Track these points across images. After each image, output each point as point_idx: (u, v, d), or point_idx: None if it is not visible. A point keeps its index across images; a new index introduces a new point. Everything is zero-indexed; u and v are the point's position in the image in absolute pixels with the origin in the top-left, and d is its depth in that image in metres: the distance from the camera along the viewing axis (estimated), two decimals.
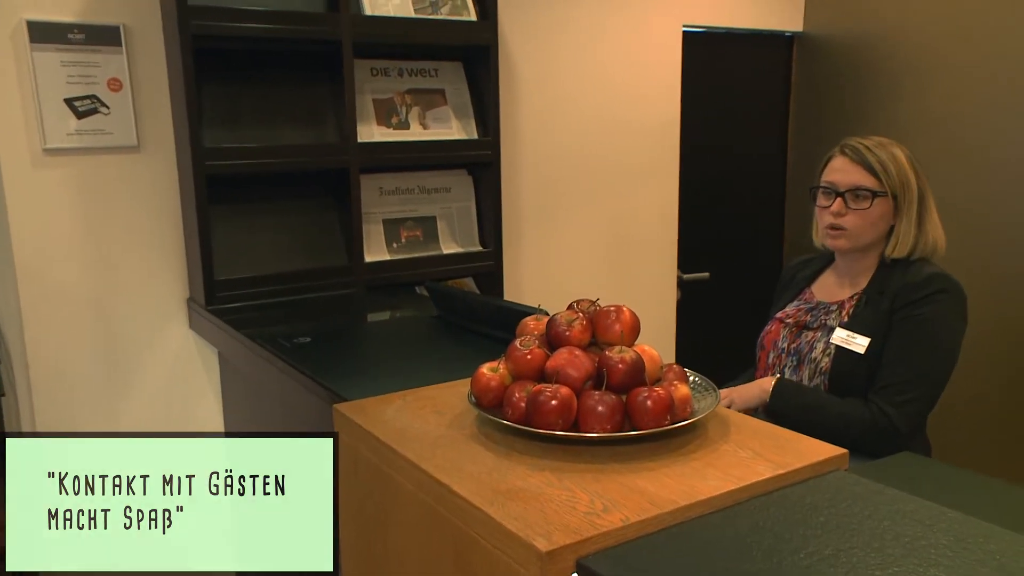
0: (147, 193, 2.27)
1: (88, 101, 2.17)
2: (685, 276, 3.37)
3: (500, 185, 2.62)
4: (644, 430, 1.12)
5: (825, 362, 1.71)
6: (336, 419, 1.37)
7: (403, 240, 2.55)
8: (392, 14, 2.40)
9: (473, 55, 2.64)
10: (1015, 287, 2.87)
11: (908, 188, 1.71)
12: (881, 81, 3.22)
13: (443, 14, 2.48)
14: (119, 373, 2.29)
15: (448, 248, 2.61)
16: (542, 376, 1.20)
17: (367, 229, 2.45)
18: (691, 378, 1.28)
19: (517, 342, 1.24)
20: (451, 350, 1.82)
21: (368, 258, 2.43)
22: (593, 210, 3.08)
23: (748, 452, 1.12)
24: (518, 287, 2.91)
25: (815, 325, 1.78)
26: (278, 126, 2.34)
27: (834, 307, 1.78)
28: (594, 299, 1.29)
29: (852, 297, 1.77)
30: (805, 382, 1.75)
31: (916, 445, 1.70)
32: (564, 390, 1.13)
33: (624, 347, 1.19)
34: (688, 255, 3.37)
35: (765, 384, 1.76)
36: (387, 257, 2.50)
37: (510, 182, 2.84)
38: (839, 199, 1.74)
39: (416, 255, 2.53)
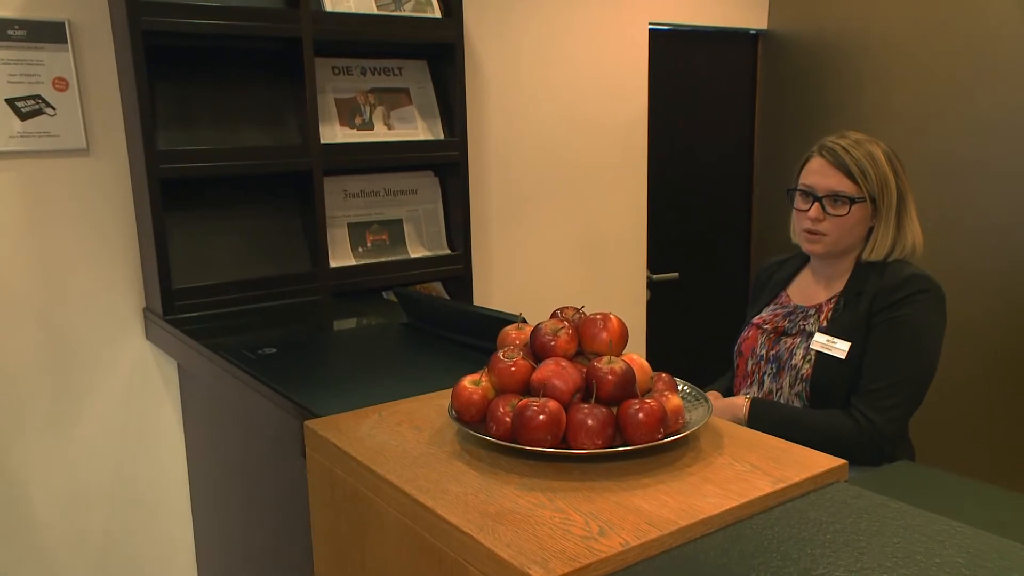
0: (98, 198, 2.16)
1: (32, 101, 2.05)
2: (654, 276, 3.34)
3: (468, 186, 2.55)
4: (636, 444, 1.07)
5: (806, 369, 1.68)
6: (308, 437, 1.29)
7: (369, 244, 2.47)
8: (354, 10, 2.32)
9: (438, 53, 2.57)
10: (981, 283, 2.90)
11: (887, 190, 1.68)
12: (845, 79, 3.23)
13: (406, 11, 2.41)
14: (70, 388, 2.17)
15: (415, 252, 2.54)
16: (527, 389, 1.14)
17: (331, 233, 2.37)
18: (680, 387, 1.23)
19: (500, 353, 1.17)
20: (424, 359, 1.75)
21: (333, 263, 2.35)
22: (562, 210, 3.03)
23: (745, 465, 1.07)
24: (487, 291, 2.85)
25: (794, 331, 1.74)
26: (237, 127, 2.25)
27: (812, 311, 1.75)
28: (579, 306, 1.24)
29: (830, 300, 1.74)
30: (785, 389, 1.72)
31: (901, 448, 1.68)
32: (552, 404, 1.08)
33: (613, 357, 1.13)
34: (656, 255, 3.34)
35: (737, 411, 1.70)
36: (352, 262, 2.42)
37: (477, 183, 2.78)
38: (816, 204, 1.70)
39: (383, 259, 2.46)
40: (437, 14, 2.47)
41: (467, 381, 1.18)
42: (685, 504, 0.97)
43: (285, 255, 2.31)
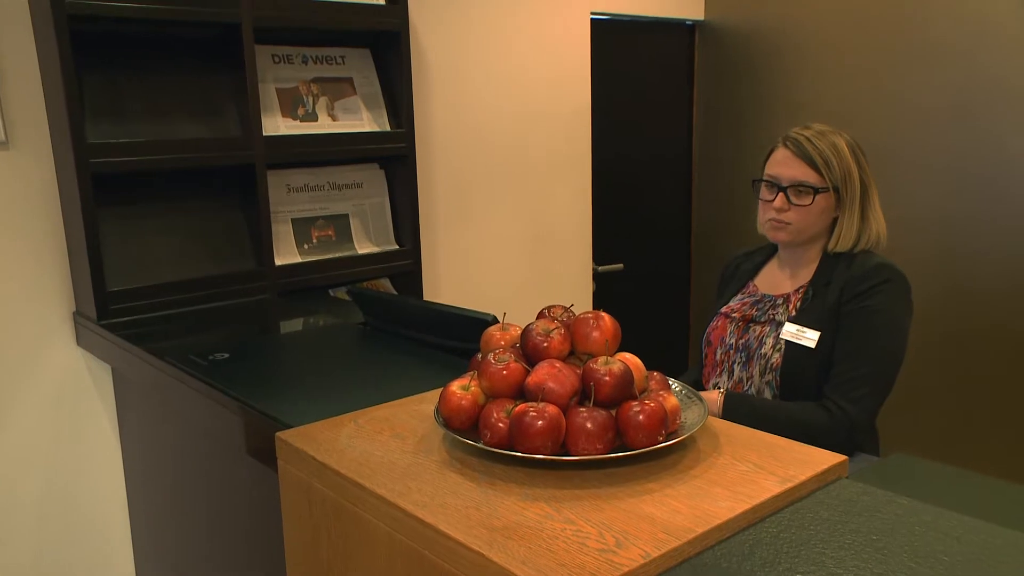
0: (20, 195, 1.99)
1: None
2: (600, 268, 3.33)
3: (416, 179, 2.48)
4: (637, 447, 1.04)
5: (776, 358, 1.68)
6: (280, 450, 1.21)
7: (314, 240, 2.37)
8: None
9: (382, 41, 2.48)
10: (911, 271, 2.98)
11: (851, 181, 1.70)
12: (780, 69, 3.28)
13: None
14: None
15: (363, 248, 2.45)
16: (520, 393, 1.09)
17: (275, 230, 2.26)
18: (673, 386, 1.21)
19: (490, 356, 1.12)
20: (389, 361, 1.68)
21: (278, 261, 2.24)
22: (509, 202, 2.98)
23: (748, 465, 1.05)
24: (435, 286, 2.79)
25: (762, 319, 1.75)
26: (173, 119, 2.11)
27: (780, 300, 1.76)
28: (568, 304, 1.20)
29: (798, 290, 1.75)
30: (756, 378, 1.72)
31: (868, 436, 1.70)
32: (551, 409, 1.03)
33: (608, 357, 1.10)
34: (600, 247, 3.33)
35: (711, 405, 1.67)
36: (298, 259, 2.31)
37: (423, 176, 2.70)
38: (781, 194, 1.71)
39: (329, 256, 2.36)
40: (381, 1, 2.38)
41: (455, 386, 1.12)
42: (697, 510, 0.94)
43: (227, 253, 2.19)
